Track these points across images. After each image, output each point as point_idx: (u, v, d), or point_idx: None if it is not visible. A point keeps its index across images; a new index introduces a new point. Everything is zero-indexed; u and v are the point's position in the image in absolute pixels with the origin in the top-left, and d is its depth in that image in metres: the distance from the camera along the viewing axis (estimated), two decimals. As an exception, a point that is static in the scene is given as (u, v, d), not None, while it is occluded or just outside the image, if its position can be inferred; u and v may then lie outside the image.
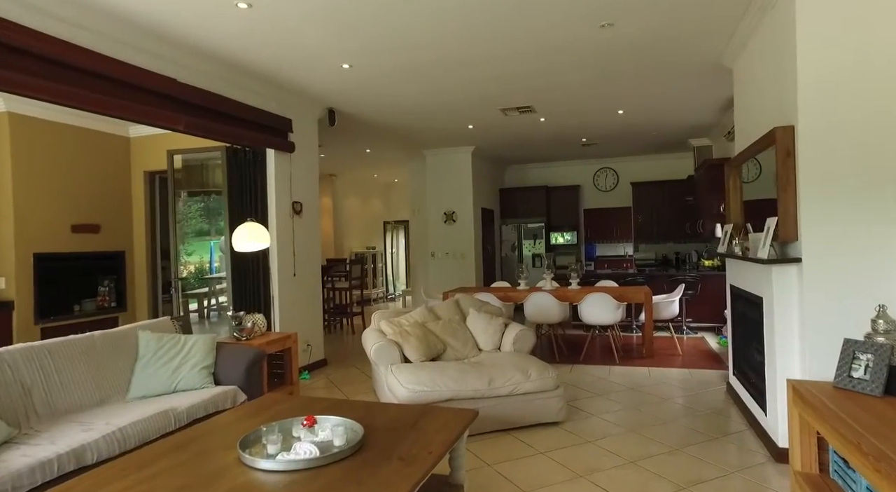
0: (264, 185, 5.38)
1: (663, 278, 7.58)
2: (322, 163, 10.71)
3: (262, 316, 4.51)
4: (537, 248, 10.62)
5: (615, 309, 5.89)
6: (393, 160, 10.04)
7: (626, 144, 9.09)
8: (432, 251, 9.28)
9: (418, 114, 6.58)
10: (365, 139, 7.99)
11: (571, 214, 10.70)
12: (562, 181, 10.89)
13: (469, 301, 5.15)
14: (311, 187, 6.06)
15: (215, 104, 4.58)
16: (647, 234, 10.09)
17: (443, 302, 5.11)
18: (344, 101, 5.96)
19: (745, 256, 3.72)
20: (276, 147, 5.39)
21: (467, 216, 9.04)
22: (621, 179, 10.64)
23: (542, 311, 6.13)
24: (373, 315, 4.93)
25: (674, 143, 9.00)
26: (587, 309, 5.99)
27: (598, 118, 7.06)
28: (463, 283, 8.97)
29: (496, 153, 9.61)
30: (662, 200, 9.92)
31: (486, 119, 6.89)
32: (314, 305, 6.04)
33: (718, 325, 7.40)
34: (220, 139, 4.86)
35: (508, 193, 10.87)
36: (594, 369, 5.61)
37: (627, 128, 7.73)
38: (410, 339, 4.39)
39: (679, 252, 9.88)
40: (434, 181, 9.27)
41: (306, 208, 5.90)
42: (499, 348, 4.70)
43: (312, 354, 5.83)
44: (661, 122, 7.40)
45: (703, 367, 5.57)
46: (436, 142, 8.53)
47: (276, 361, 4.67)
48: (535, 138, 8.32)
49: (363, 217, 12.78)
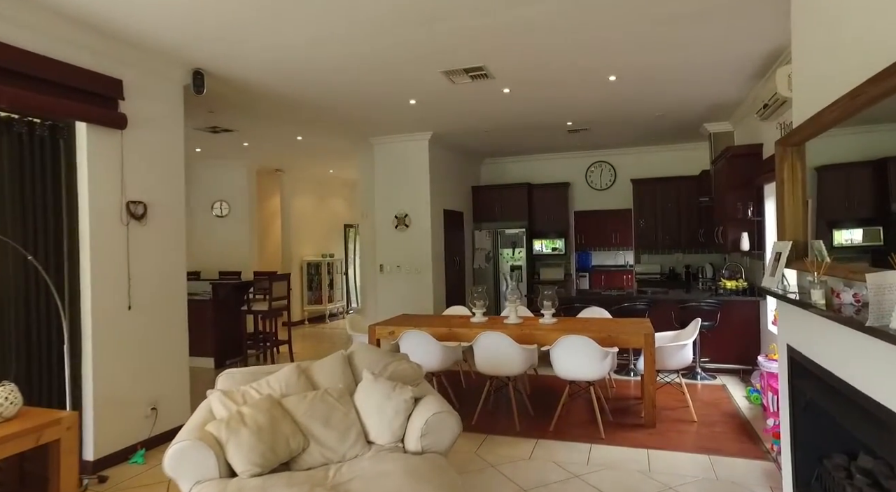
0: (71, 176, 3.58)
1: (670, 304, 5.73)
2: (263, 156, 8.97)
3: (9, 388, 2.70)
4: (517, 258, 8.79)
5: (601, 359, 4.05)
6: (342, 152, 8.25)
7: (623, 131, 7.24)
8: (381, 263, 7.47)
9: (326, 84, 4.77)
10: (283, 121, 6.20)
11: (559, 216, 8.86)
12: (548, 178, 9.05)
13: (370, 356, 3.33)
14: (170, 181, 4.26)
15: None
16: (651, 242, 8.23)
17: (326, 359, 3.30)
18: (214, 59, 4.17)
19: (834, 314, 1.90)
20: (93, 120, 3.59)
21: (423, 220, 7.22)
22: (619, 175, 8.78)
23: (495, 360, 4.30)
24: (218, 377, 3.13)
25: (684, 129, 7.14)
26: (561, 358, 4.15)
27: (582, 89, 5.22)
28: (418, 305, 7.15)
29: (463, 143, 7.79)
30: (670, 201, 8.06)
31: (430, 89, 5.07)
32: (171, 350, 4.24)
33: (745, 368, 5.55)
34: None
35: (482, 192, 9.04)
36: (567, 450, 3.78)
37: (624, 106, 5.89)
38: (241, 433, 2.59)
39: (690, 265, 8.02)
40: (384, 176, 7.46)
41: (158, 211, 4.10)
42: (401, 442, 2.88)
43: (160, 421, 4.02)
44: (669, 96, 5.55)
45: (731, 450, 3.72)
46: (381, 127, 6.72)
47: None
48: (506, 122, 6.49)
49: (319, 220, 10.99)
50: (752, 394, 4.77)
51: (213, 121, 6.10)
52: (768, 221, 5.35)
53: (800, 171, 2.69)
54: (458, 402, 4.84)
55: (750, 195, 5.53)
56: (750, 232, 5.56)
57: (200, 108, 5.52)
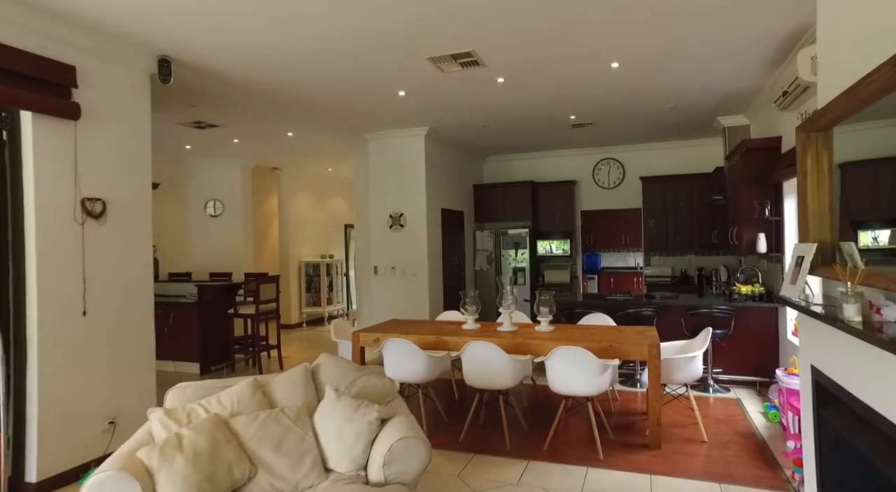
0: (16, 169, 3.29)
1: (680, 311, 5.31)
2: (257, 153, 8.65)
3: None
4: (520, 259, 8.40)
5: (598, 373, 3.66)
6: (339, 149, 7.93)
7: (631, 125, 6.82)
8: (375, 265, 7.13)
9: (306, 74, 4.43)
10: (270, 116, 5.88)
11: (565, 216, 8.45)
12: (553, 176, 8.65)
13: (337, 370, 2.99)
14: (135, 177, 3.96)
15: None
16: (662, 243, 7.79)
17: (287, 373, 2.95)
18: (181, 45, 3.85)
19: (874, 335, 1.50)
20: (40, 109, 3.29)
21: (419, 219, 6.87)
22: (628, 172, 8.35)
23: (484, 372, 3.93)
24: (168, 392, 2.81)
25: (697, 123, 6.71)
26: (556, 371, 3.77)
27: (583, 78, 4.83)
28: (414, 309, 6.80)
29: (462, 139, 7.42)
30: (682, 200, 7.62)
31: (419, 78, 4.71)
32: (135, 357, 3.94)
33: (762, 380, 5.11)
34: None
35: (484, 191, 8.66)
36: (560, 474, 3.40)
37: (630, 97, 5.48)
38: (175, 461, 2.26)
39: (703, 267, 7.57)
40: (378, 174, 7.12)
41: (120, 209, 3.80)
42: (364, 470, 2.53)
43: (119, 436, 3.71)
44: (679, 86, 5.14)
45: (745, 477, 3.30)
46: (374, 122, 6.38)
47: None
48: (505, 115, 6.12)
49: (318, 219, 10.69)
50: (769, 410, 4.34)
51: (196, 115, 5.81)
52: (788, 220, 4.91)
53: (826, 161, 2.29)
54: (448, 416, 4.49)
55: (767, 193, 5.10)
56: (767, 233, 5.12)
57: (180, 102, 5.23)
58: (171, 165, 8.02)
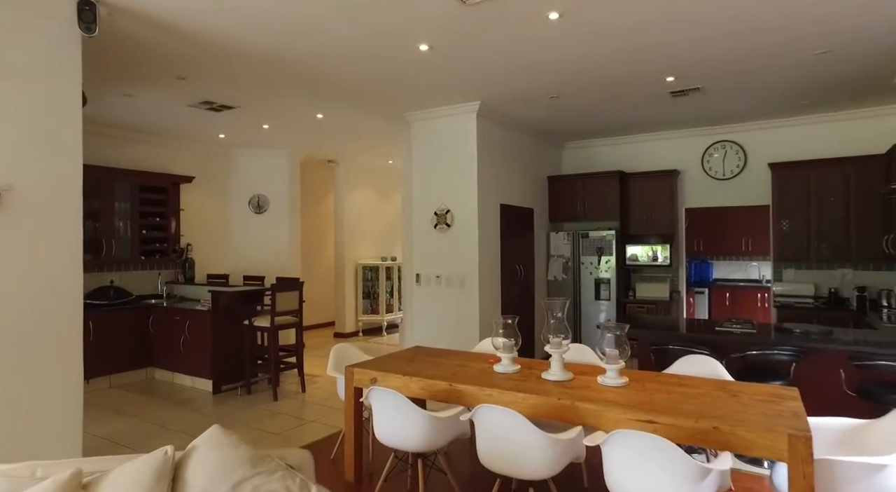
0: None
1: (836, 356, 3.48)
2: (305, 144, 7.63)
3: None
4: (604, 268, 6.74)
5: (692, 481, 2.10)
6: (388, 136, 6.83)
7: (756, 90, 4.96)
8: (416, 273, 5.90)
9: (288, 20, 3.29)
10: (285, 92, 4.86)
11: (664, 215, 6.67)
12: (648, 164, 6.90)
13: (216, 464, 1.77)
14: (55, 156, 3.04)
15: None
16: (800, 250, 5.78)
17: (129, 467, 1.77)
18: (103, -21, 2.87)
19: None
20: None
21: (470, 218, 5.52)
22: (751, 158, 6.38)
23: (504, 452, 2.51)
24: None
25: (861, 81, 4.70)
26: (616, 469, 2.26)
27: (681, 13, 3.22)
28: (460, 328, 5.48)
29: (528, 117, 5.95)
30: (833, 194, 5.58)
31: (435, 20, 3.39)
32: (52, 382, 3.02)
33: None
34: None
35: (560, 184, 7.10)
36: None
37: (757, 44, 3.74)
38: None
39: (866, 287, 5.46)
40: (421, 162, 5.88)
41: (27, 196, 2.90)
42: None
43: None
44: (836, 22, 3.33)
45: None
46: (411, 96, 5.14)
47: None
48: (575, 80, 4.59)
49: (379, 218, 9.70)
50: None
51: (198, 93, 4.94)
52: None
53: None
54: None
55: None
56: None
57: (163, 74, 4.36)
58: (205, 156, 7.38)
